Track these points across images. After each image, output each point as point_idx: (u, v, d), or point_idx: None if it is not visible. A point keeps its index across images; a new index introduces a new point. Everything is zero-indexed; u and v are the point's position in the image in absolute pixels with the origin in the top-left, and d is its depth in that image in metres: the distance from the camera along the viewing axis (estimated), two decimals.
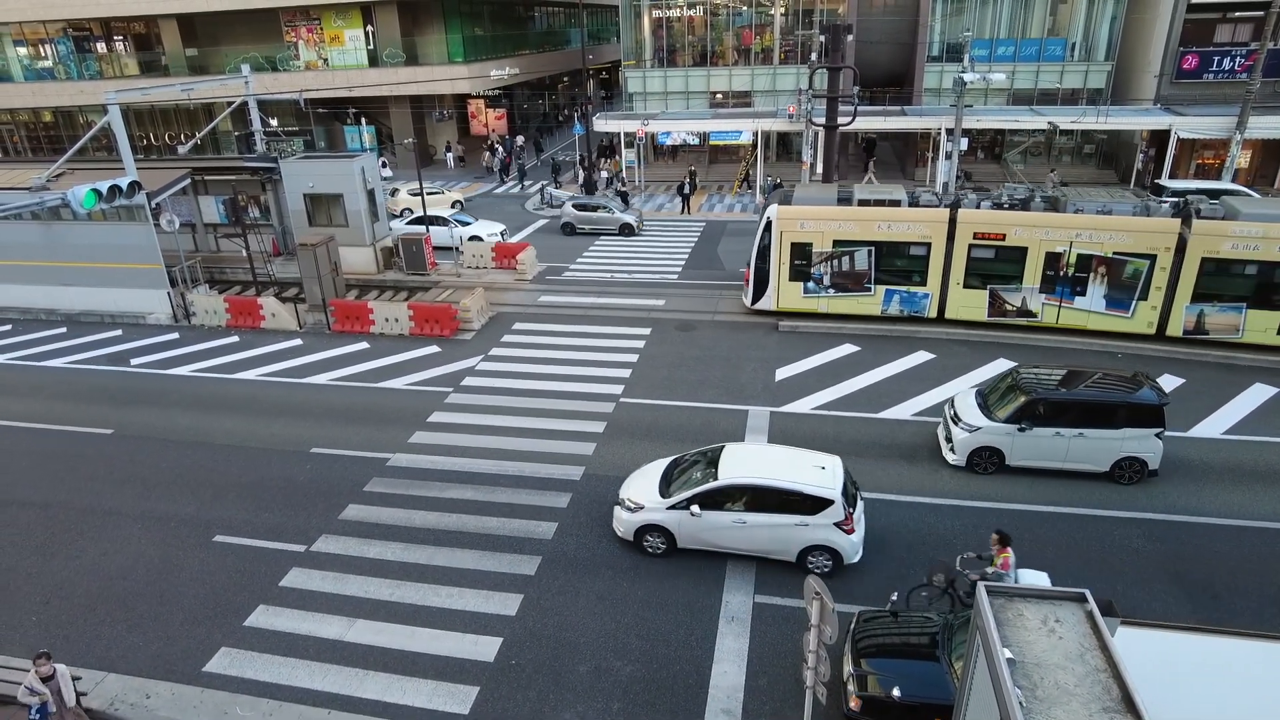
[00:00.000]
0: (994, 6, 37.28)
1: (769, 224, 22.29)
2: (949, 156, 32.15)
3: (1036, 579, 11.46)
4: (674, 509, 13.28)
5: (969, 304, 21.86)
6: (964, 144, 33.71)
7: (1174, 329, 20.50)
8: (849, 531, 12.73)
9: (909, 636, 10.75)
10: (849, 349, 21.58)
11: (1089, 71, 37.67)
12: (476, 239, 30.47)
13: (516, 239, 32.57)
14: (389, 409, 19.06)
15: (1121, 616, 7.46)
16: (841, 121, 27.71)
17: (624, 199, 36.87)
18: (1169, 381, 19.08)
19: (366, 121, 47.51)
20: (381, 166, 32.77)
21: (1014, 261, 21.09)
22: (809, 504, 12.68)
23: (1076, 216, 20.45)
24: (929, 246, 21.49)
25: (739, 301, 24.46)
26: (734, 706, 10.81)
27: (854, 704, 10.07)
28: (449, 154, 48.17)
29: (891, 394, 19.01)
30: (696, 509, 13.06)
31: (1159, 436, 14.91)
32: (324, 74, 44.33)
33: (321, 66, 45.26)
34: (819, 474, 13.02)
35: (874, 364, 20.59)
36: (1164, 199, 21.79)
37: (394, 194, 36.24)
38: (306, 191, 27.21)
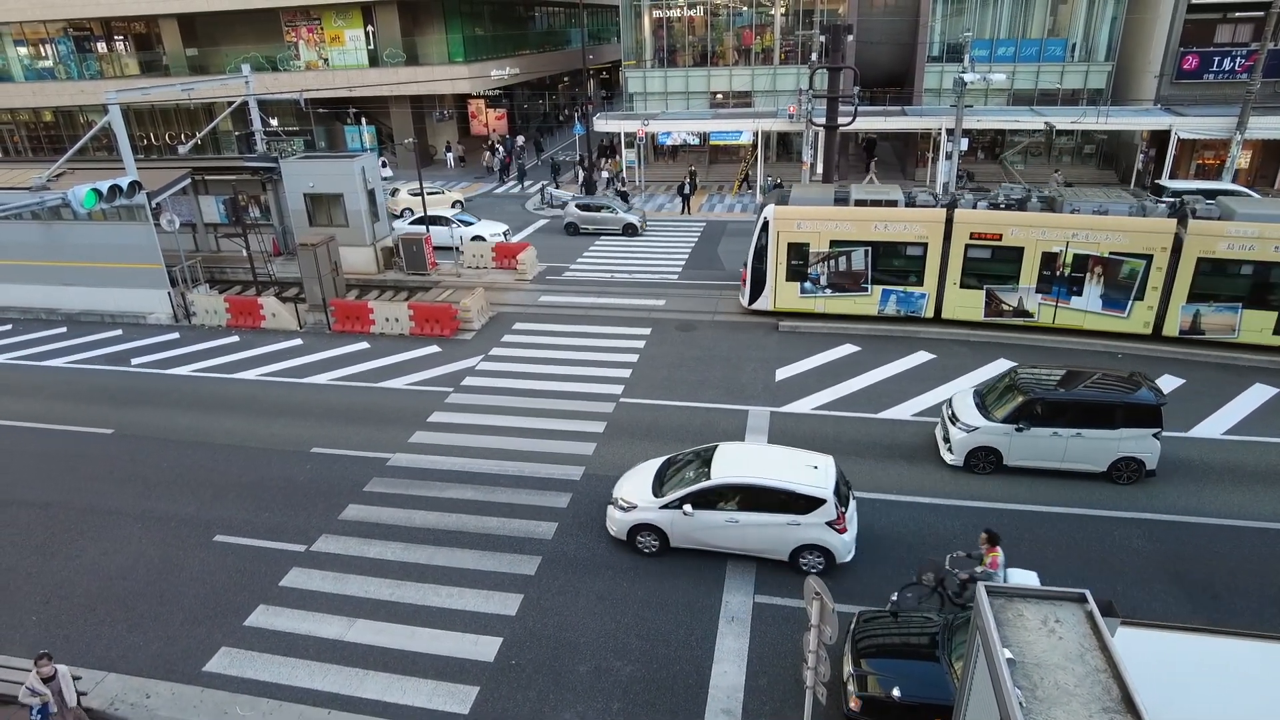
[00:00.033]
0: (994, 7, 37.28)
1: (766, 224, 22.29)
2: (949, 157, 32.14)
3: (1025, 578, 11.48)
4: (667, 508, 13.28)
5: (965, 304, 21.87)
6: (964, 144, 33.71)
7: (1170, 329, 20.52)
8: (841, 531, 12.74)
9: (909, 637, 10.75)
10: (849, 349, 21.58)
11: (1089, 72, 37.67)
12: (479, 239, 30.49)
13: (517, 239, 32.57)
14: (389, 409, 19.07)
15: (1121, 617, 7.46)
16: (842, 122, 27.73)
17: (624, 199, 36.88)
18: (1169, 382, 19.09)
19: (367, 121, 47.53)
20: (381, 166, 32.76)
21: (1010, 262, 21.09)
22: (801, 503, 12.69)
23: (1073, 217, 20.45)
24: (925, 247, 21.49)
25: (739, 302, 24.45)
26: (734, 706, 10.81)
27: (854, 704, 10.08)
28: (449, 154, 48.19)
29: (892, 394, 19.01)
30: (689, 508, 13.07)
31: (1156, 437, 14.92)
32: (324, 74, 44.36)
33: (322, 66, 45.29)
34: (811, 473, 13.03)
35: (874, 364, 20.59)
36: (1163, 199, 21.75)
37: (394, 194, 36.28)
38: (307, 191, 27.22)
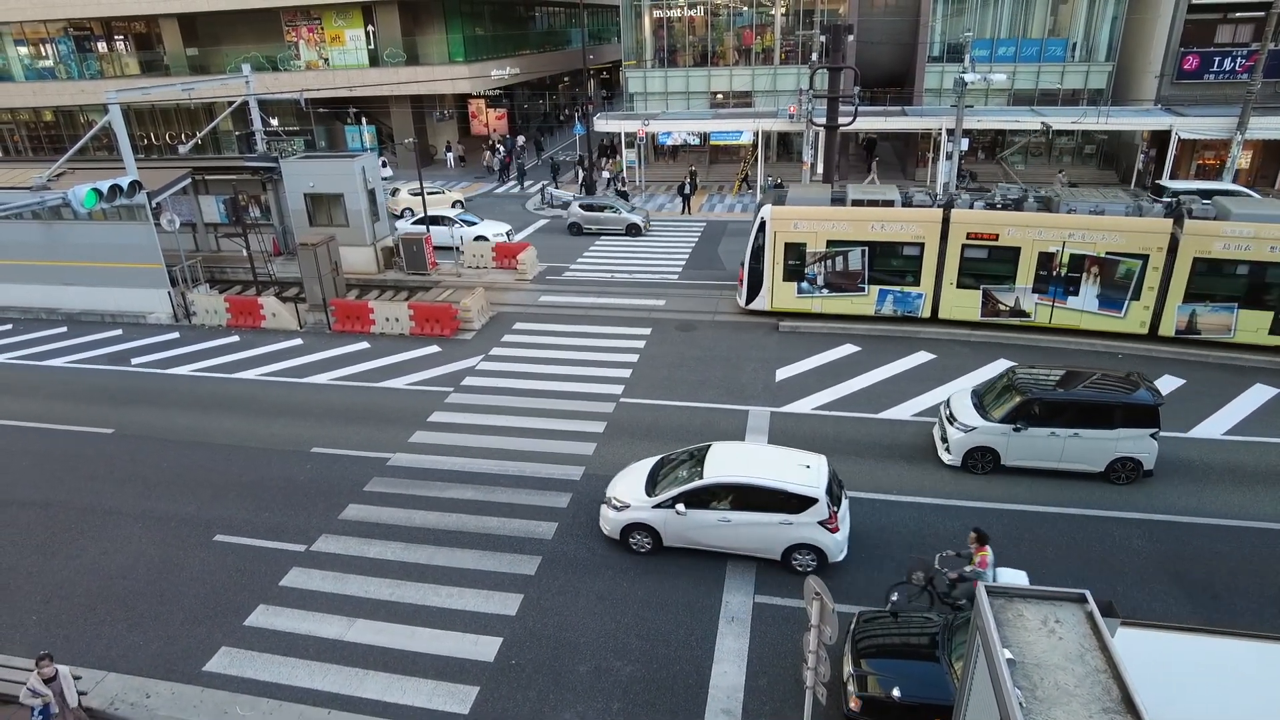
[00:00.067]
0: (995, 7, 37.27)
1: (763, 224, 22.29)
2: (950, 157, 32.14)
3: (1015, 577, 11.51)
4: (660, 507, 13.29)
5: (962, 304, 21.87)
6: (965, 144, 33.70)
7: (1166, 329, 20.53)
8: (833, 530, 12.74)
9: (909, 637, 10.75)
10: (849, 349, 21.58)
11: (1090, 72, 37.66)
12: (482, 239, 30.49)
13: (517, 239, 32.53)
14: (389, 409, 19.07)
15: (1121, 617, 7.45)
16: (842, 122, 27.73)
17: (624, 199, 36.86)
18: (1170, 382, 19.09)
19: (367, 121, 47.53)
20: (381, 166, 32.76)
21: (1007, 261, 21.10)
22: (793, 502, 12.70)
23: (1069, 216, 20.46)
24: (922, 247, 21.49)
25: (736, 302, 24.45)
26: (734, 706, 10.80)
27: (854, 704, 10.07)
28: (449, 154, 48.19)
29: (892, 394, 19.01)
30: (682, 507, 13.08)
31: (1154, 437, 14.92)
32: (325, 74, 44.36)
33: (322, 66, 45.29)
34: (803, 473, 13.04)
35: (874, 364, 20.58)
36: (1164, 199, 21.76)
37: (394, 194, 36.29)
38: (307, 191, 27.22)
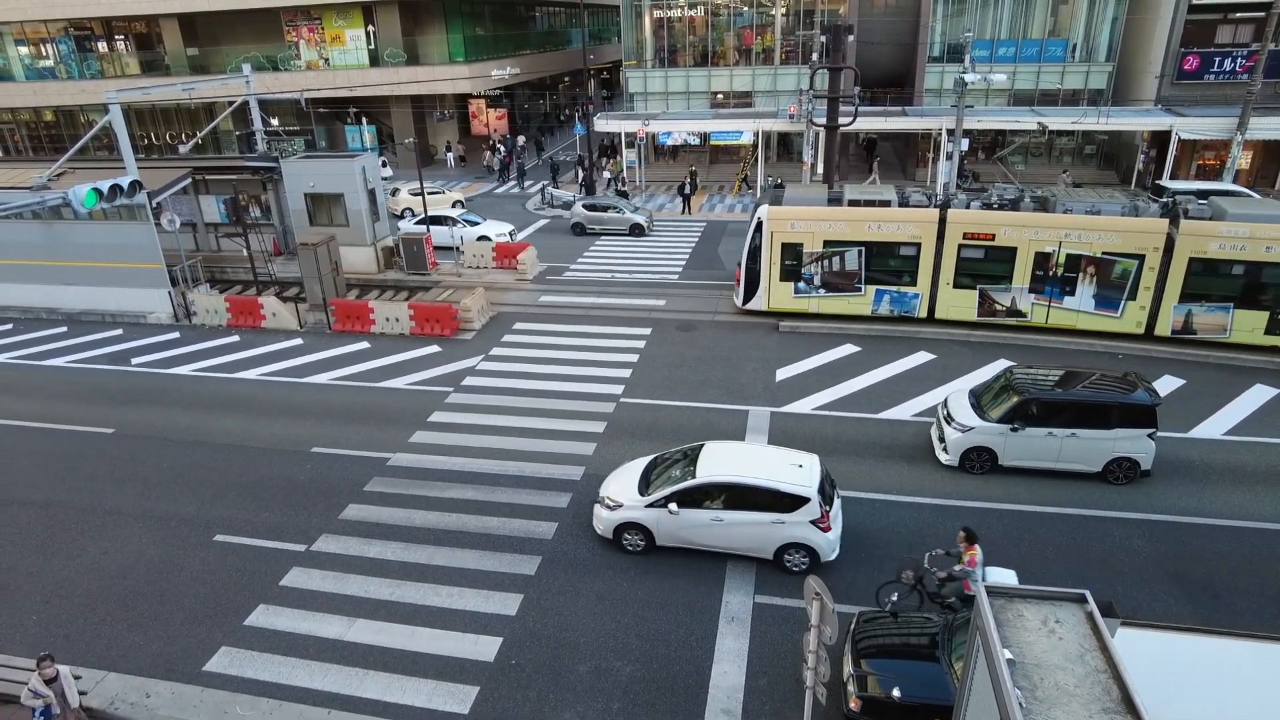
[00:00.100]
0: (995, 7, 37.27)
1: (759, 224, 22.32)
2: (950, 157, 32.14)
3: (1004, 576, 11.51)
4: (652, 507, 13.31)
5: (959, 304, 21.88)
6: (965, 144, 33.70)
7: (1162, 329, 20.55)
8: (825, 529, 12.76)
9: (909, 637, 10.75)
10: (849, 349, 21.58)
11: (1090, 72, 37.67)
12: (485, 239, 30.50)
13: (518, 239, 32.53)
14: (389, 409, 19.07)
15: (1121, 617, 7.45)
16: (842, 122, 27.72)
17: (624, 199, 36.85)
18: (1170, 382, 19.09)
19: (367, 121, 47.54)
20: (381, 166, 32.77)
21: (1003, 261, 21.11)
22: (785, 502, 12.72)
23: (1065, 217, 20.48)
24: (919, 247, 21.51)
25: (733, 302, 24.45)
26: (734, 707, 10.81)
27: (854, 704, 10.07)
28: (449, 154, 48.19)
29: (892, 394, 19.01)
30: (674, 507, 13.09)
31: (1151, 437, 14.92)
32: (325, 73, 44.37)
33: (322, 66, 45.30)
34: (796, 472, 13.06)
35: (874, 364, 20.58)
36: (1163, 200, 21.77)
37: (394, 194, 36.32)
38: (307, 191, 27.22)
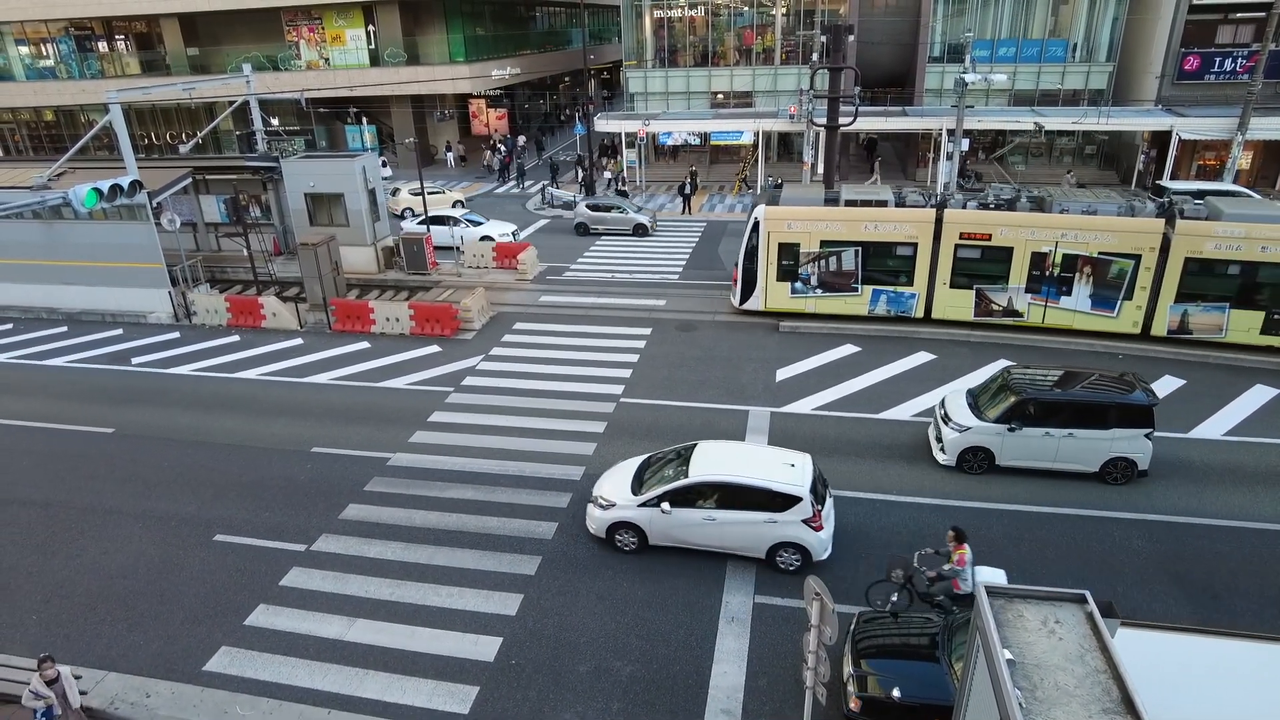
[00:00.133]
0: (995, 7, 37.27)
1: (756, 224, 22.34)
2: (950, 157, 32.14)
3: (993, 575, 11.56)
4: (645, 506, 13.32)
5: (955, 304, 21.89)
6: (965, 144, 33.69)
7: (1158, 329, 20.56)
8: (817, 529, 12.78)
9: (909, 637, 10.75)
10: (849, 349, 21.57)
11: (1090, 72, 37.67)
12: (488, 239, 30.51)
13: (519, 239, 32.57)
14: (389, 408, 19.07)
15: (1121, 617, 7.45)
16: (842, 122, 27.70)
17: (624, 199, 36.84)
18: (1170, 383, 19.09)
19: (368, 121, 47.53)
20: (381, 166, 32.77)
21: (1000, 261, 21.12)
22: (777, 501, 12.74)
23: (1062, 217, 20.49)
24: (915, 247, 21.52)
25: (729, 302, 24.44)
26: (734, 707, 10.80)
27: (854, 704, 10.07)
28: (449, 154, 48.19)
29: (892, 395, 19.01)
30: (667, 506, 13.11)
31: (1148, 437, 14.92)
32: (325, 73, 44.38)
33: (323, 66, 45.31)
34: (788, 471, 13.08)
35: (875, 365, 20.58)
36: (1163, 200, 21.78)
37: (395, 194, 36.33)
38: (307, 191, 27.23)
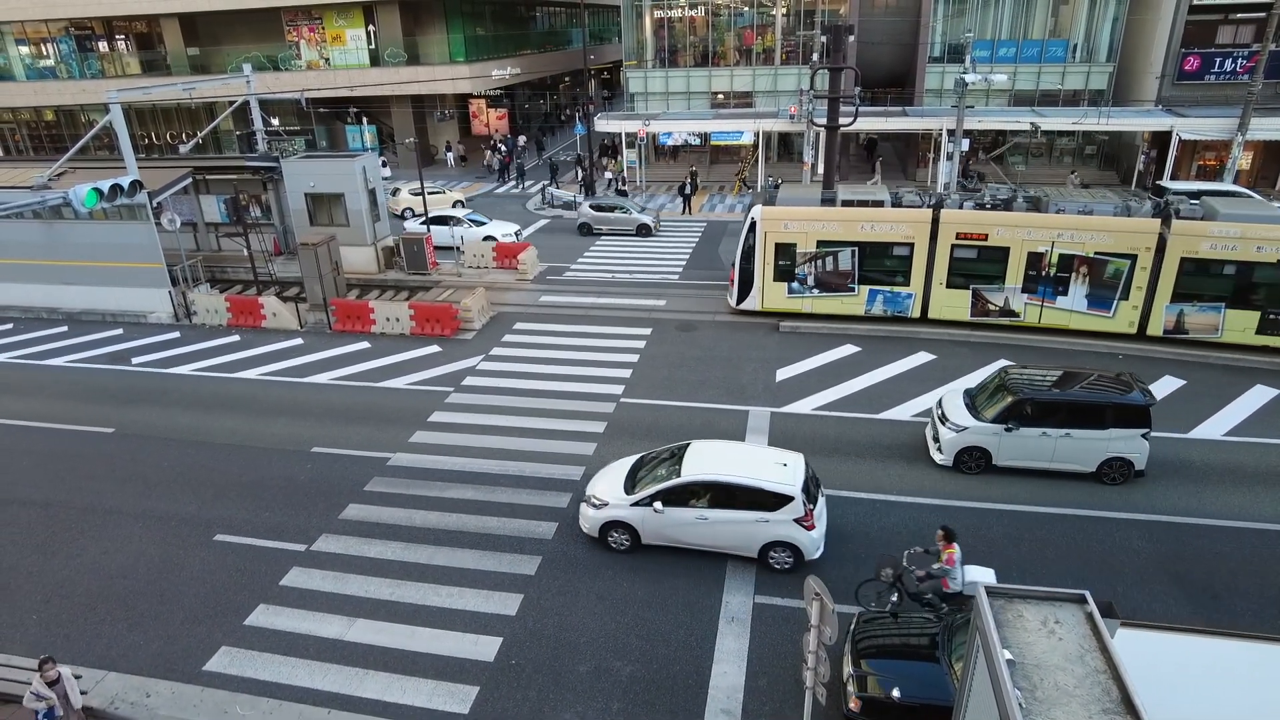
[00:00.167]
0: (995, 8, 37.27)
1: (753, 225, 22.37)
2: (950, 157, 32.13)
3: (982, 574, 11.59)
4: (638, 505, 13.34)
5: (952, 304, 21.90)
6: (965, 145, 33.69)
7: (1154, 328, 20.59)
8: (809, 528, 12.80)
9: (909, 637, 10.75)
10: (850, 349, 21.58)
11: (1090, 73, 37.66)
12: (491, 239, 30.52)
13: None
14: (390, 408, 19.07)
15: (1121, 618, 7.45)
16: (843, 122, 27.67)
17: (624, 198, 36.84)
18: (1170, 383, 19.09)
19: (368, 121, 47.53)
20: (381, 166, 32.79)
21: (996, 261, 21.14)
22: (770, 500, 12.76)
23: (1058, 217, 20.51)
24: (912, 247, 21.53)
25: (726, 302, 24.43)
26: (734, 707, 10.81)
27: (854, 705, 10.07)
28: (449, 154, 48.19)
29: (892, 395, 19.01)
30: (659, 505, 13.12)
31: (1145, 437, 14.92)
32: (325, 73, 44.38)
33: (323, 66, 45.31)
34: (780, 470, 13.10)
35: (875, 365, 20.58)
36: (1162, 200, 21.80)
37: (395, 194, 36.34)
38: (308, 191, 27.23)
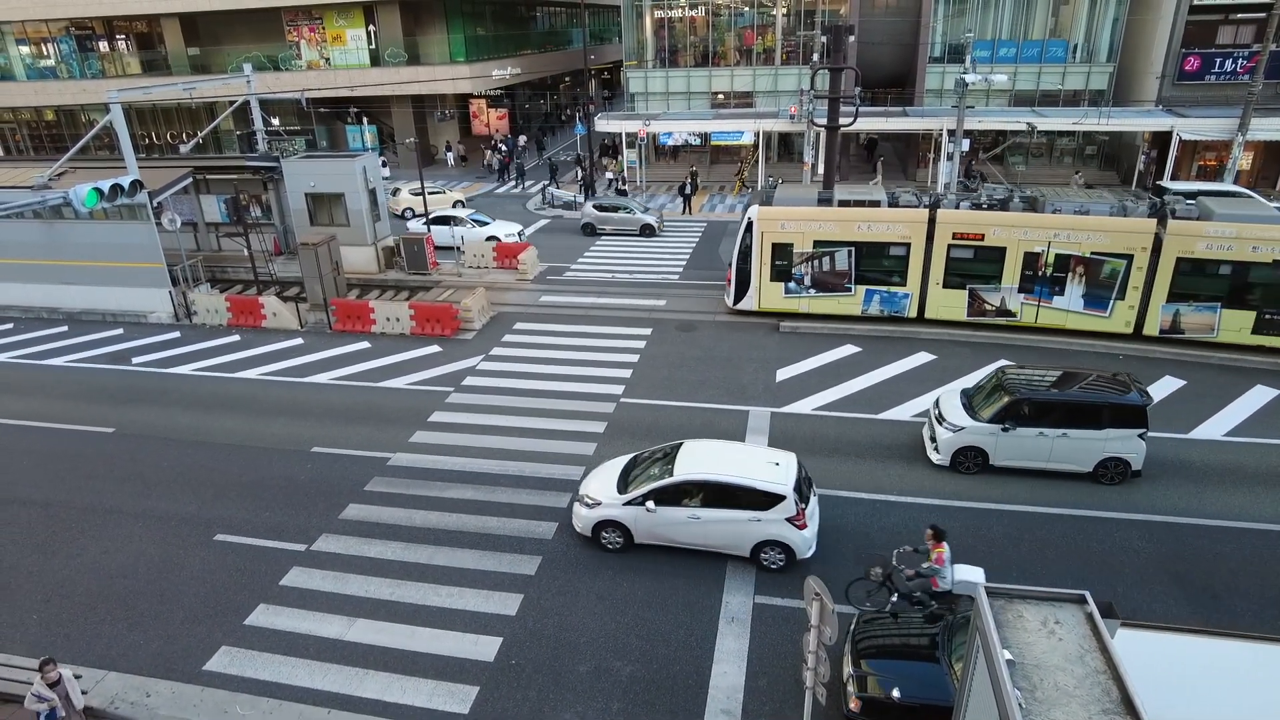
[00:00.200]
0: (996, 8, 37.26)
1: (750, 224, 22.39)
2: (951, 158, 32.12)
3: (971, 574, 11.59)
4: (630, 505, 13.36)
5: (948, 304, 21.91)
6: (965, 145, 33.68)
7: (1150, 328, 20.60)
8: (801, 527, 12.81)
9: (909, 637, 10.75)
10: (850, 350, 21.57)
11: (1091, 73, 37.65)
12: (494, 239, 30.54)
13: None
14: (390, 408, 19.07)
15: (1121, 618, 7.45)
16: (843, 122, 27.67)
17: (623, 198, 36.84)
18: (1170, 383, 19.09)
19: (368, 121, 47.53)
20: (381, 166, 32.81)
21: (993, 261, 21.15)
22: (761, 499, 12.77)
23: (1054, 217, 20.52)
24: (908, 247, 21.54)
25: (724, 302, 24.42)
26: (734, 707, 10.80)
27: (854, 705, 10.07)
28: (449, 153, 48.20)
29: (892, 395, 19.00)
30: (651, 504, 13.14)
31: (1142, 437, 14.92)
32: (326, 73, 44.39)
33: (323, 66, 45.32)
34: (772, 470, 13.12)
35: (875, 365, 20.58)
36: (1161, 200, 21.81)
37: (395, 193, 36.34)
38: (308, 191, 27.23)
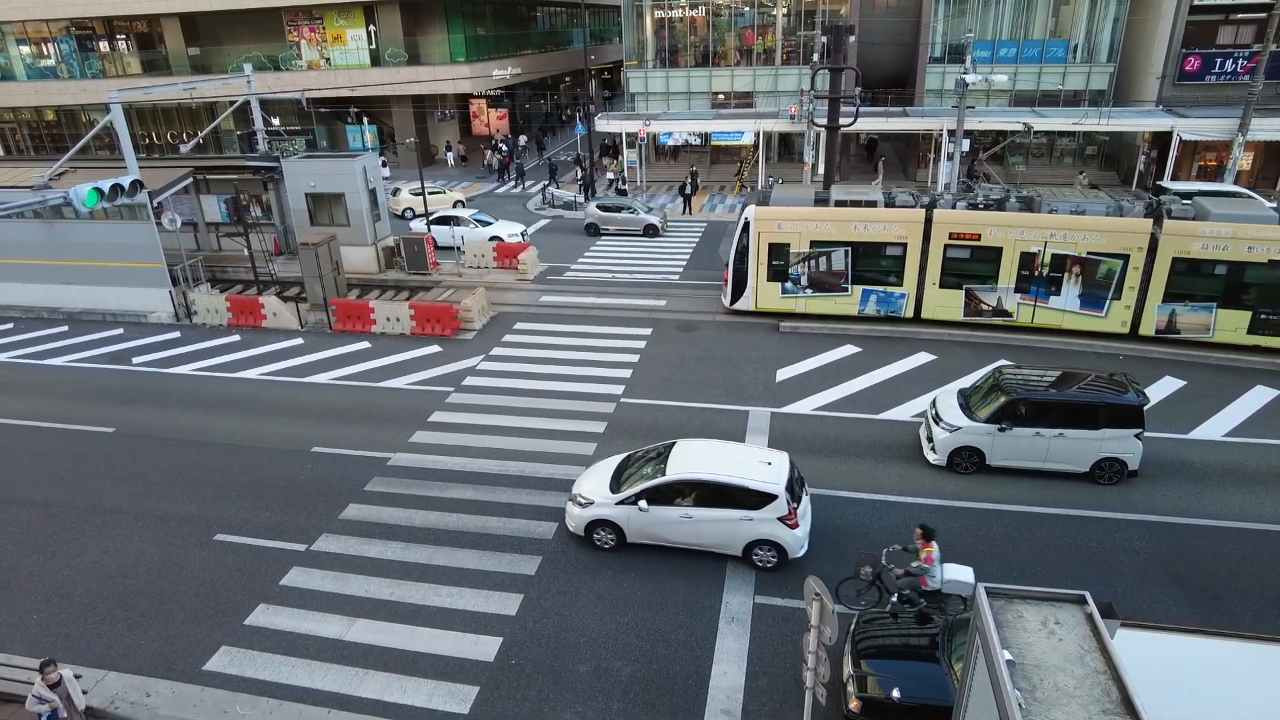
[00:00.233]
0: (996, 8, 37.26)
1: (746, 225, 22.40)
2: (951, 158, 32.12)
3: (961, 573, 11.62)
4: (623, 504, 13.39)
5: (945, 304, 21.93)
6: (965, 145, 33.67)
7: (1146, 328, 20.62)
8: (793, 526, 12.84)
9: (909, 638, 10.76)
10: (850, 350, 21.57)
11: (1091, 73, 37.65)
12: (497, 239, 30.56)
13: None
14: (390, 408, 19.07)
15: (1121, 618, 7.45)
16: (843, 122, 27.70)
17: (623, 198, 36.85)
18: (1170, 383, 19.09)
19: (368, 121, 47.56)
20: (381, 166, 32.82)
21: (989, 261, 21.16)
22: (753, 499, 12.81)
23: (1051, 217, 20.52)
24: (905, 247, 21.56)
25: (720, 302, 24.44)
26: (734, 707, 10.80)
27: (854, 705, 10.07)
28: (450, 153, 48.21)
29: (892, 395, 19.00)
30: (644, 504, 13.17)
31: (1138, 437, 14.92)
32: (326, 73, 44.41)
33: (324, 66, 45.33)
34: (764, 469, 13.16)
35: (875, 365, 20.58)
36: (1158, 200, 21.83)
37: (395, 193, 36.35)
38: (308, 191, 27.24)
